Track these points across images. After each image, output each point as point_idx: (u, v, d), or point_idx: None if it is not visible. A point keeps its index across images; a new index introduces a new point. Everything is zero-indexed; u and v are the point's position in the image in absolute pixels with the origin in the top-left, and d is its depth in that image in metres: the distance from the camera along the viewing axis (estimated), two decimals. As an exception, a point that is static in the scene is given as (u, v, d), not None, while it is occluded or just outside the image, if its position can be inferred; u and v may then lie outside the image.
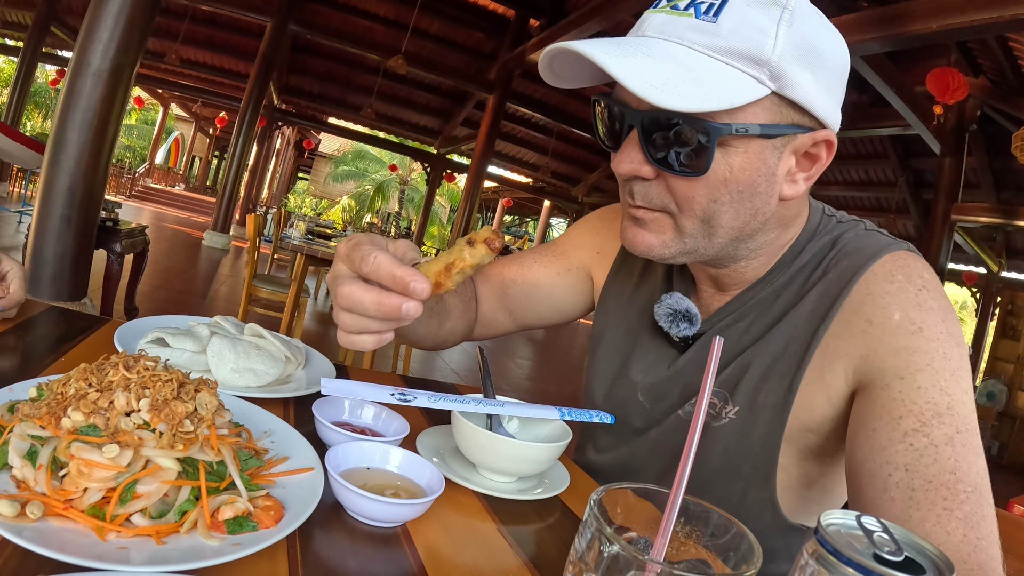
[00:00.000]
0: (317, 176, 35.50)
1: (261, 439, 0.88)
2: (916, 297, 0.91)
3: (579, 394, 1.33)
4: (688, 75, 0.81)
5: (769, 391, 0.98)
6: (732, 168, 0.87)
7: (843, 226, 1.04)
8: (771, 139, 0.87)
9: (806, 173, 0.93)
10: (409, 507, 0.79)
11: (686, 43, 0.84)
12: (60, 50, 17.14)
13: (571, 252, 1.35)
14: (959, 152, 10.12)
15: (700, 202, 0.90)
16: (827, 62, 0.87)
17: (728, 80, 0.82)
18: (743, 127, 0.84)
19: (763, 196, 0.91)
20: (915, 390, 0.86)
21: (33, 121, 28.64)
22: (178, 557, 0.61)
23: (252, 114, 13.59)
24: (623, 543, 0.57)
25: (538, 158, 20.69)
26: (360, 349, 0.82)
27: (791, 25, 0.84)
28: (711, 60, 0.83)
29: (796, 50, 0.84)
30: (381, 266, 0.75)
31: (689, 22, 0.84)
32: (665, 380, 1.11)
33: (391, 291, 0.76)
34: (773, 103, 0.86)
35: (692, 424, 0.64)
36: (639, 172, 0.91)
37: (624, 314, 1.23)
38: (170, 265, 10.29)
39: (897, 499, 0.82)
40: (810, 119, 0.89)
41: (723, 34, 0.83)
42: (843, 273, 0.96)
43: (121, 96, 4.61)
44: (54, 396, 0.73)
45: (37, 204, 4.55)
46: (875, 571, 0.50)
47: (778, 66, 0.83)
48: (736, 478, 1.02)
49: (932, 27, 5.76)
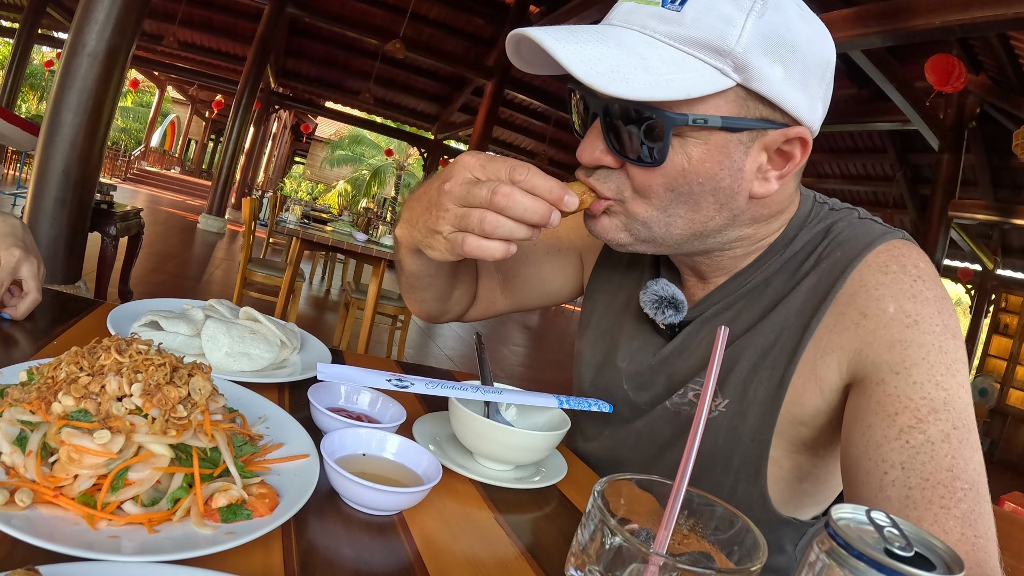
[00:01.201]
0: (313, 160, 35.44)
1: (256, 425, 0.86)
2: (911, 288, 0.89)
3: (564, 382, 1.33)
4: (640, 63, 0.80)
5: (759, 384, 0.97)
6: (691, 159, 0.86)
7: (836, 214, 1.02)
8: (735, 132, 0.85)
9: (779, 171, 0.91)
10: (406, 495, 0.78)
11: (647, 31, 0.83)
12: (56, 31, 17.03)
13: (562, 231, 1.34)
14: (958, 149, 10.12)
15: (657, 192, 0.89)
16: (802, 56, 0.84)
17: (686, 70, 0.81)
18: (702, 118, 0.83)
19: (727, 192, 0.89)
20: (911, 385, 0.85)
21: (28, 103, 28.46)
22: (171, 546, 0.60)
23: (249, 97, 13.54)
24: (626, 535, 0.56)
25: (535, 145, 20.69)
26: (487, 256, 0.85)
27: (761, 16, 0.81)
28: (671, 49, 0.82)
29: (765, 42, 0.81)
30: (536, 176, 0.83)
31: (653, 10, 0.83)
32: (649, 369, 1.10)
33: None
34: (739, 96, 0.84)
35: (696, 416, 0.62)
36: (601, 161, 0.90)
37: (611, 300, 1.22)
38: (165, 248, 10.27)
39: (893, 498, 0.81)
40: (781, 115, 0.86)
41: (686, 23, 0.81)
42: (836, 263, 0.95)
43: (117, 78, 4.58)
44: (44, 380, 0.71)
45: (31, 186, 4.52)
46: (887, 566, 0.49)
47: (743, 57, 0.81)
48: (726, 471, 1.01)
49: (934, 23, 5.75)
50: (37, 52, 23.61)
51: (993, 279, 13.80)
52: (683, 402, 1.04)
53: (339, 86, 19.49)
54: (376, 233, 7.22)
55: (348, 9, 14.77)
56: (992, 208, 10.49)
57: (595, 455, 1.21)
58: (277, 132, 30.63)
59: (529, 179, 0.82)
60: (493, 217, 0.83)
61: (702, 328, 1.05)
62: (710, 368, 0.65)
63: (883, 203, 13.94)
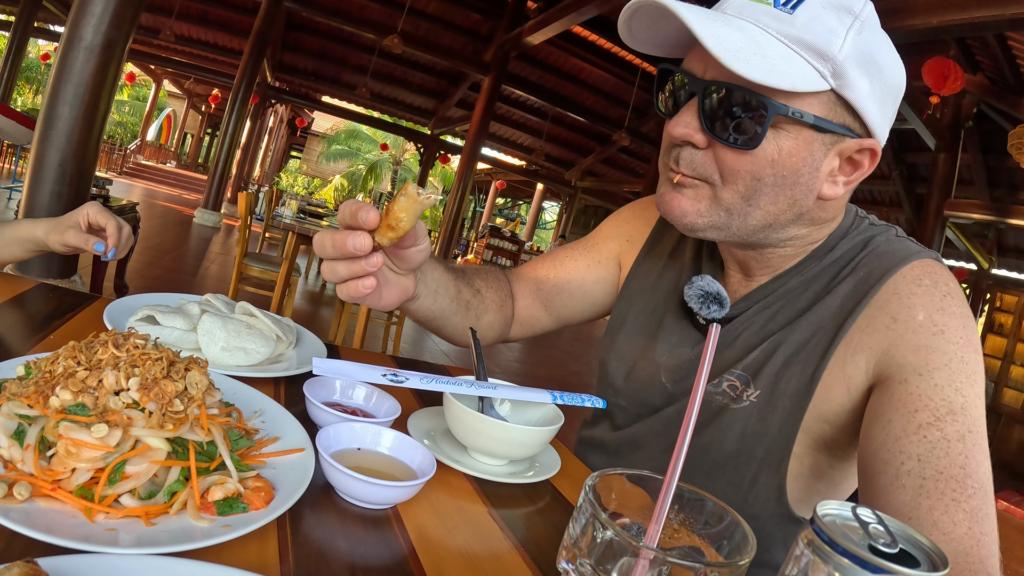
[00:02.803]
0: (310, 155, 35.38)
1: (252, 419, 0.87)
2: (940, 302, 0.95)
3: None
4: (759, 50, 0.86)
5: (791, 377, 1.01)
6: (781, 150, 0.92)
7: (875, 228, 1.08)
8: (821, 133, 0.92)
9: (847, 177, 0.98)
10: (400, 489, 0.79)
11: (762, 25, 0.89)
12: (52, 24, 16.95)
13: (601, 244, 1.39)
14: (954, 148, 10.15)
15: (744, 178, 0.94)
16: (885, 76, 0.92)
17: (794, 65, 0.87)
18: (799, 112, 0.89)
19: (803, 188, 0.95)
20: (932, 387, 0.89)
21: (24, 96, 28.37)
22: (167, 539, 0.60)
23: (245, 91, 13.49)
24: (617, 529, 0.57)
25: (532, 141, 20.66)
26: (347, 298, 0.91)
27: (860, 33, 0.89)
28: (782, 45, 0.88)
29: (860, 56, 0.89)
30: (344, 207, 0.86)
31: (767, 9, 0.90)
32: (688, 362, 1.14)
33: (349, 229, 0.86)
34: (830, 100, 0.90)
35: (687, 412, 0.63)
36: (692, 138, 0.94)
37: (649, 297, 1.26)
38: (161, 243, 10.25)
39: (908, 486, 0.84)
40: (860, 125, 0.93)
41: (797, 25, 0.88)
42: (873, 272, 1.00)
43: (113, 71, 4.56)
44: (42, 374, 0.72)
45: (27, 180, 4.50)
46: (870, 562, 0.50)
47: (842, 65, 0.88)
48: (750, 461, 1.04)
49: (932, 22, 5.75)
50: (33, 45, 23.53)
51: (988, 278, 13.85)
52: (716, 391, 1.07)
53: (336, 80, 19.44)
54: (372, 228, 7.21)
55: (345, 3, 14.73)
56: (988, 207, 10.52)
57: (616, 441, 1.23)
58: (273, 126, 30.54)
59: (339, 214, 0.88)
60: (326, 265, 0.89)
61: (742, 324, 1.09)
62: (702, 364, 0.66)
63: (879, 202, 13.96)
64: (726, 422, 1.04)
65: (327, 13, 13.91)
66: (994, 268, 14.03)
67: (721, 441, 1.05)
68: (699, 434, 1.08)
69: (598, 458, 1.26)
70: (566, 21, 10.87)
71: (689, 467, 1.06)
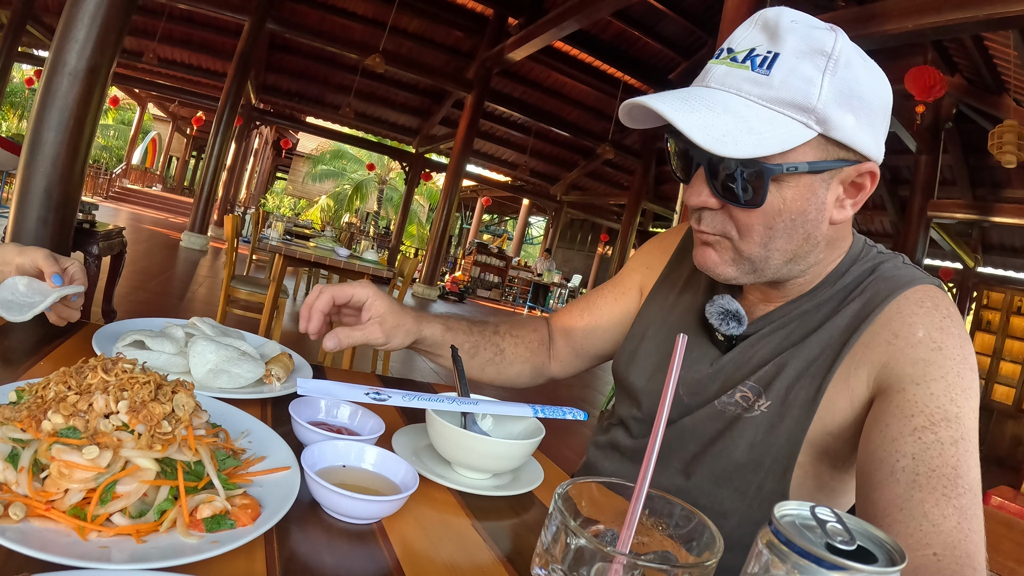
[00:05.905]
0: (295, 176, 35.23)
1: (238, 439, 0.89)
2: (940, 322, 1.02)
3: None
4: (744, 125, 0.93)
5: (800, 390, 1.07)
6: (785, 200, 0.99)
7: (883, 256, 1.16)
8: (819, 174, 0.99)
9: (853, 199, 1.04)
10: (384, 504, 0.81)
11: (743, 94, 0.96)
12: (36, 49, 16.89)
13: (626, 277, 1.48)
14: (935, 149, 10.24)
15: (758, 229, 1.02)
16: (868, 104, 0.97)
17: (779, 127, 0.94)
18: (793, 166, 0.96)
19: (813, 222, 1.03)
20: (928, 395, 0.95)
21: (8, 122, 28.22)
22: (158, 555, 0.62)
23: (230, 113, 13.48)
24: (588, 536, 0.59)
25: (517, 156, 20.66)
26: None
27: (835, 74, 0.94)
28: (765, 110, 0.95)
29: (839, 96, 0.94)
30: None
31: (745, 74, 0.96)
32: (706, 377, 1.19)
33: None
34: (820, 143, 0.97)
35: (656, 421, 0.66)
36: (706, 204, 1.03)
37: (667, 316, 1.32)
38: (148, 267, 10.21)
39: (902, 480, 0.89)
40: (854, 154, 0.99)
41: (775, 85, 0.94)
42: (878, 294, 1.07)
43: (98, 96, 4.57)
44: (34, 399, 0.74)
45: (13, 206, 4.50)
46: (826, 560, 0.53)
47: (823, 112, 0.94)
48: (757, 469, 1.09)
49: (908, 26, 5.81)
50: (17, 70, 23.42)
51: (974, 276, 13.92)
52: (730, 402, 1.13)
53: (320, 101, 19.41)
54: (359, 248, 7.21)
55: (327, 24, 14.77)
56: (971, 207, 10.61)
57: (633, 449, 1.28)
58: (259, 148, 30.46)
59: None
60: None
61: (758, 342, 1.15)
62: (669, 373, 0.68)
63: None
64: (738, 431, 1.10)
65: (310, 34, 13.93)
66: (980, 266, 14.10)
67: (732, 449, 1.10)
68: (713, 442, 1.13)
69: (612, 463, 1.30)
70: (547, 36, 10.95)
71: (700, 474, 1.12)
